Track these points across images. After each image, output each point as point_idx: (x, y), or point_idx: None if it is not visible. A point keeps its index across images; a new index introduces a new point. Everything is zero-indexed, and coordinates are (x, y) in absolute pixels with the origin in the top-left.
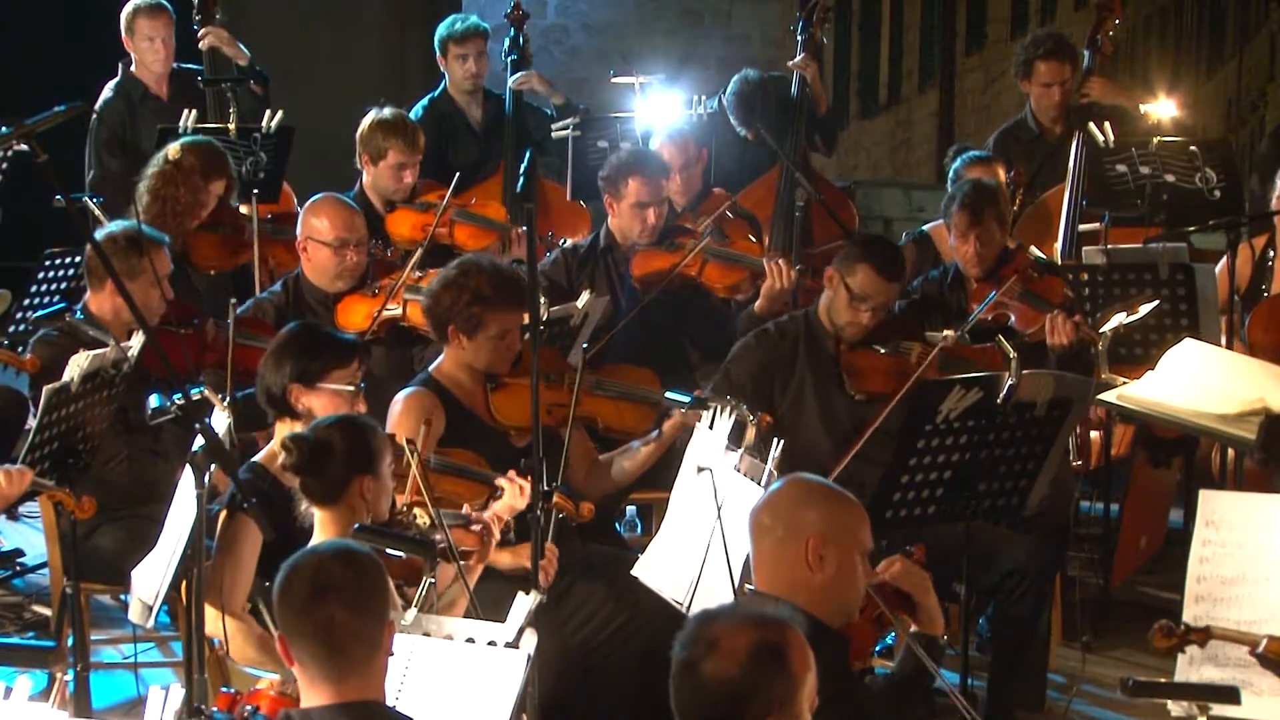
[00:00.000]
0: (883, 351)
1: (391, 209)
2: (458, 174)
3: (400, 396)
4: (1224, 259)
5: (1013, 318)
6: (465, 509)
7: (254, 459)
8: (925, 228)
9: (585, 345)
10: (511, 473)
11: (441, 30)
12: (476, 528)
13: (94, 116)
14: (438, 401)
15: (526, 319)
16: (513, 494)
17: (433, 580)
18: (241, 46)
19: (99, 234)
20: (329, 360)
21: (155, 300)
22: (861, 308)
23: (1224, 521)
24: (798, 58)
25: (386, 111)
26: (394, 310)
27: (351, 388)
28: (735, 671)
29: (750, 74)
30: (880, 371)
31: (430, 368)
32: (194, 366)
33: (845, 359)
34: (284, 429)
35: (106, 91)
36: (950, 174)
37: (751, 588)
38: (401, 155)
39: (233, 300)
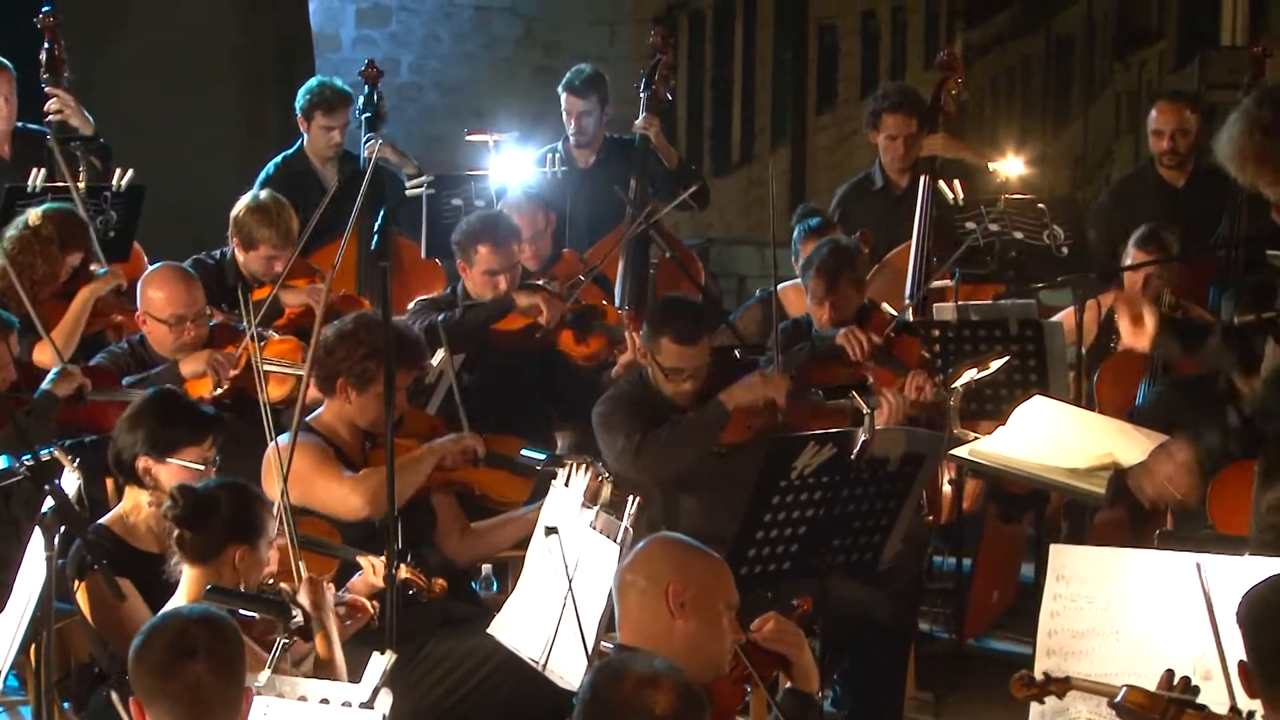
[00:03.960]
0: None
1: (260, 284)
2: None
3: (283, 443)
4: (1069, 311)
5: (870, 378)
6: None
7: (100, 521)
8: (774, 288)
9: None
10: (371, 559)
11: (309, 97)
12: (341, 610)
13: None
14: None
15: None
16: (368, 572)
17: (287, 641)
18: (87, 115)
19: None
20: (183, 434)
21: (4, 380)
22: (679, 379)
23: (1074, 576)
24: (640, 117)
25: (264, 197)
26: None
27: (202, 466)
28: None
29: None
30: (730, 423)
31: (309, 418)
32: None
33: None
34: (133, 495)
35: None
36: (795, 235)
37: (610, 644)
38: (272, 249)
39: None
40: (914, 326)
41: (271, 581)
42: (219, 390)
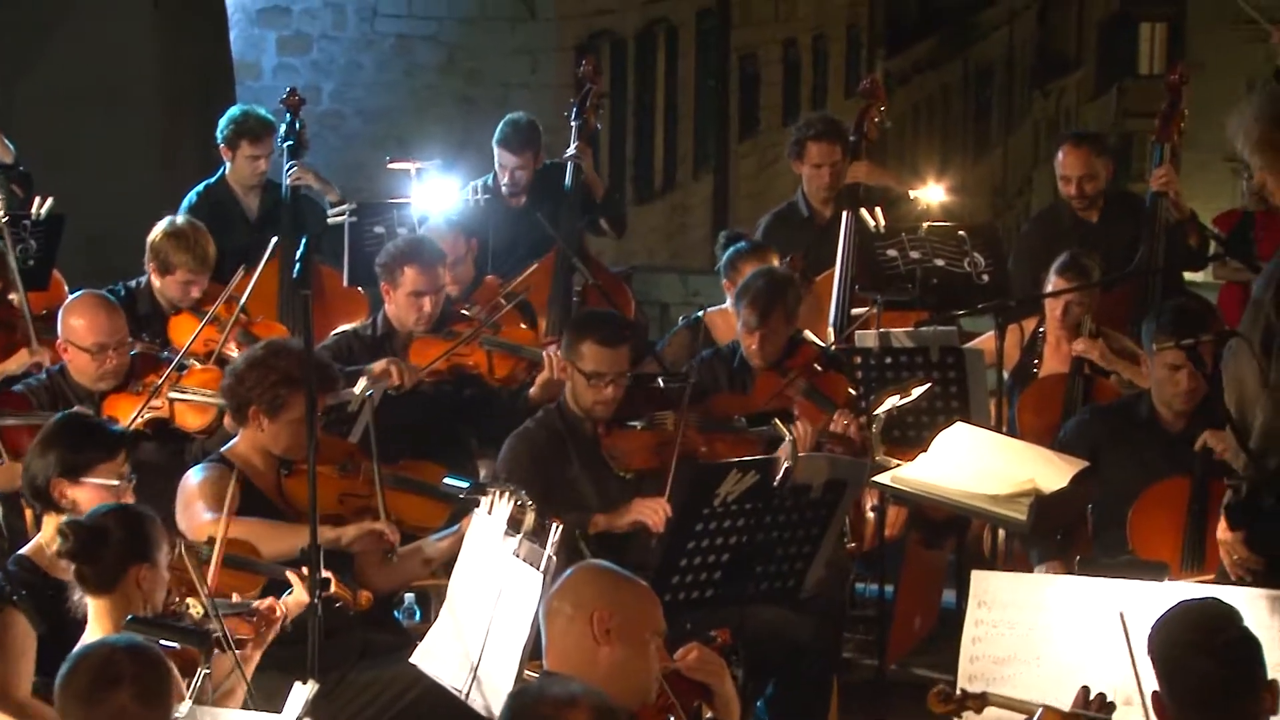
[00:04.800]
0: (639, 426)
1: (176, 312)
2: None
3: (195, 473)
4: (988, 336)
5: (796, 411)
6: (235, 598)
7: (21, 551)
8: (700, 314)
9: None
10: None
11: (233, 127)
12: (253, 618)
13: None
14: (235, 480)
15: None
16: (300, 590)
17: (207, 671)
18: (8, 143)
19: None
20: (94, 453)
21: None
22: (601, 384)
23: (996, 601)
24: (572, 145)
25: (180, 222)
26: (158, 408)
27: (118, 481)
28: None
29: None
30: (641, 447)
31: (223, 449)
32: None
33: (605, 442)
34: (51, 523)
35: None
36: (722, 264)
37: (535, 673)
38: (189, 274)
39: None
40: (840, 360)
41: (178, 600)
42: (140, 420)
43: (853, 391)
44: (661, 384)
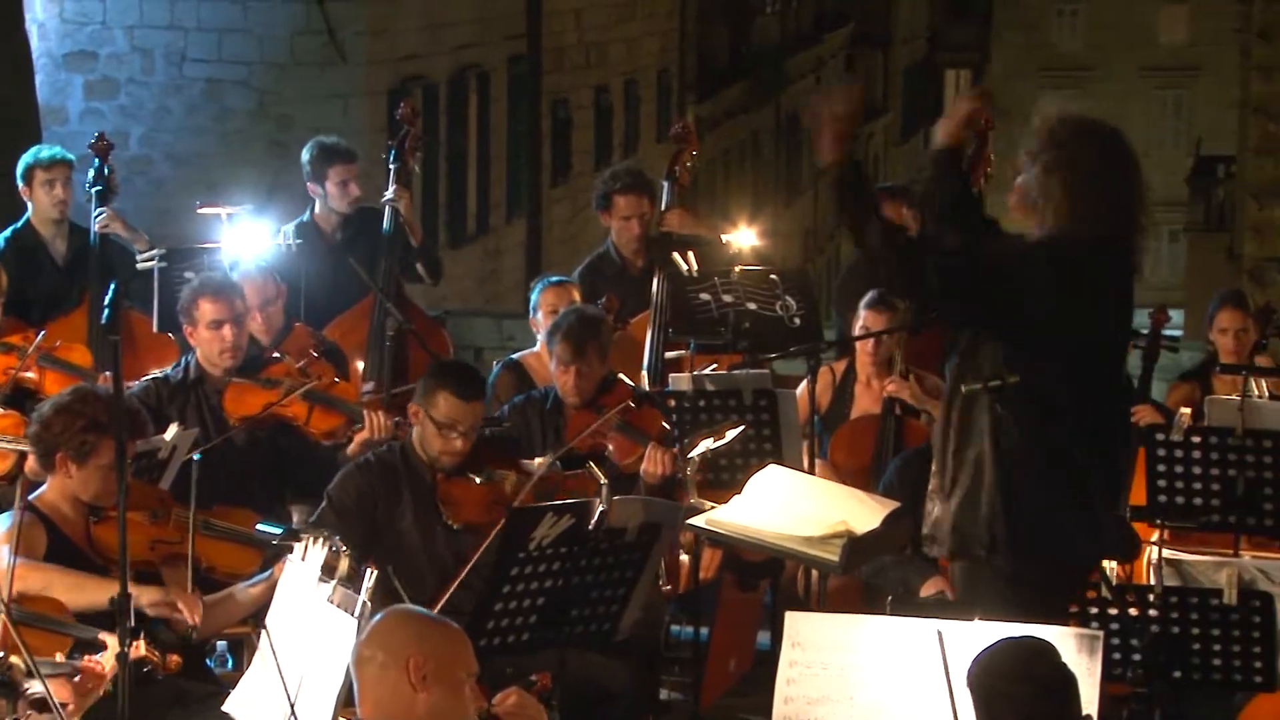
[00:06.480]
0: (478, 481)
1: None
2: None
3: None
4: (804, 383)
5: (610, 447)
6: (58, 657)
7: None
8: (515, 356)
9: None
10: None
11: (27, 159)
12: (75, 678)
13: None
14: (41, 529)
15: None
16: (112, 650)
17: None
18: None
19: None
20: None
21: None
22: (451, 435)
23: (809, 642)
24: (390, 189)
25: None
26: None
27: None
28: None
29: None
30: (475, 501)
31: (32, 496)
32: None
33: (441, 489)
34: None
35: None
36: (531, 300)
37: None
38: None
39: None
40: (654, 399)
41: (2, 655)
42: None
43: (666, 426)
44: (488, 433)
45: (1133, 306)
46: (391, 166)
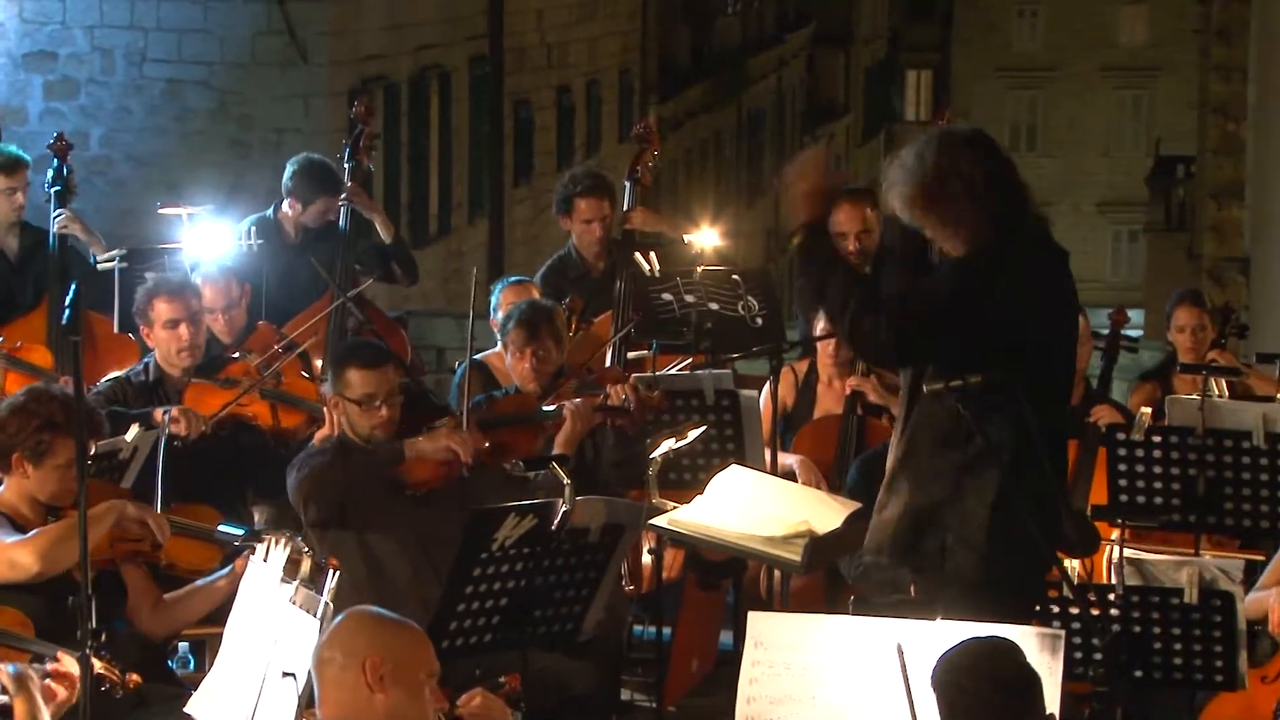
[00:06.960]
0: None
1: None
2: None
3: None
4: (767, 384)
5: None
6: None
7: None
8: (478, 356)
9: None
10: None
11: None
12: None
13: None
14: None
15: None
16: (72, 665)
17: None
18: None
19: None
20: None
21: None
22: (374, 407)
23: (771, 642)
24: (345, 188)
25: None
26: None
27: None
28: None
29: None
30: (425, 463)
31: None
32: None
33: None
34: None
35: None
36: (492, 301)
37: None
38: None
39: None
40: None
41: None
42: None
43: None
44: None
45: (1077, 299)
46: (346, 165)
